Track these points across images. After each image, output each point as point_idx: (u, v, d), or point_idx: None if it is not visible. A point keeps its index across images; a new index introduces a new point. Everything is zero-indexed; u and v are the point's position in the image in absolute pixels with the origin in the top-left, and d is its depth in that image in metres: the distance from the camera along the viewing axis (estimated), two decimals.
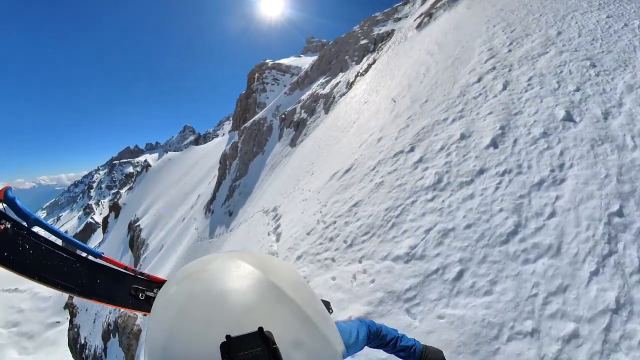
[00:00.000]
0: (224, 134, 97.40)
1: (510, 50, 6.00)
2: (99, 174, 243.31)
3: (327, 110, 20.06)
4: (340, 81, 21.92)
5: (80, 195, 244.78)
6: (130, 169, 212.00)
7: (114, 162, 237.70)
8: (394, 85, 10.05)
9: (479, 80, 5.44)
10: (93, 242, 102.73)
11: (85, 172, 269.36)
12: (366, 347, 1.21)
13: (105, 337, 31.73)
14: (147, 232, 40.31)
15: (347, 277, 2.82)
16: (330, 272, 3.01)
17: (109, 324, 31.28)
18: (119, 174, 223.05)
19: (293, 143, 21.63)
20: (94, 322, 36.51)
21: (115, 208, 65.87)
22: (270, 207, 9.86)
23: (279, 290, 0.56)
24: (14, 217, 1.11)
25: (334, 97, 20.48)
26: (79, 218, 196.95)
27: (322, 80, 25.74)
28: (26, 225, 1.13)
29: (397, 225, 3.20)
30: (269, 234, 6.45)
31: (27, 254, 1.11)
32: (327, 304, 1.71)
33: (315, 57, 34.17)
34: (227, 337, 0.47)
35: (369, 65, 19.03)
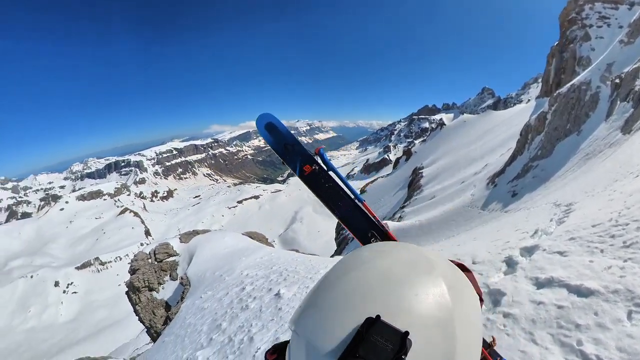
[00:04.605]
0: (529, 100, 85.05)
1: None
2: (400, 124, 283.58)
3: None
4: None
5: (384, 137, 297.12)
6: (426, 125, 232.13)
7: (413, 117, 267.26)
8: None
9: None
10: (383, 173, 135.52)
11: (390, 122, 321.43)
12: None
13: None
14: (425, 180, 45.50)
15: (604, 265, 3.09)
16: (592, 257, 3.34)
17: None
18: (416, 127, 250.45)
19: (627, 127, 15.28)
20: None
21: (407, 153, 77.24)
22: (565, 201, 8.72)
23: (450, 321, 0.55)
24: (321, 164, 1.73)
25: None
26: (379, 153, 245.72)
27: None
28: (325, 170, 1.73)
29: None
30: (551, 220, 6.54)
31: (321, 185, 1.72)
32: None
33: None
34: (378, 317, 0.50)
35: None
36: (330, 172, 1.72)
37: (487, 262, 4.28)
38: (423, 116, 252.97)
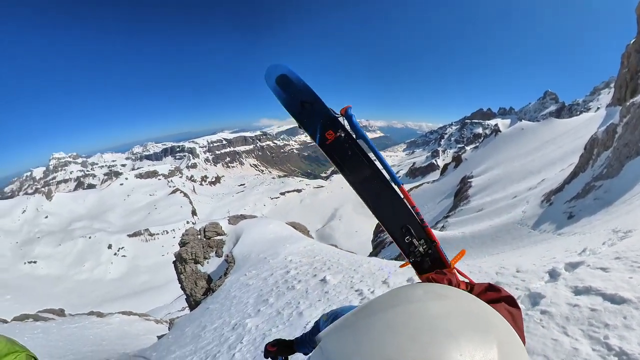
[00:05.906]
0: (598, 108, 76.83)
1: None
2: (451, 128, 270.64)
3: None
4: None
5: (433, 141, 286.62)
6: (480, 130, 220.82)
7: (466, 120, 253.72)
8: None
9: None
10: (429, 178, 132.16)
11: (441, 125, 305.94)
12: None
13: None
14: (474, 191, 43.30)
15: None
16: (632, 274, 3.51)
17: None
18: (468, 132, 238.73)
19: None
20: None
21: (457, 159, 73.62)
22: (625, 229, 8.04)
23: None
24: (348, 129, 1.42)
25: None
26: (426, 157, 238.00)
27: None
28: (354, 137, 1.40)
29: None
30: (603, 243, 6.52)
31: (347, 156, 1.40)
32: None
33: None
34: None
35: None
36: (360, 141, 1.41)
37: (531, 271, 4.54)
38: (476, 120, 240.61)
